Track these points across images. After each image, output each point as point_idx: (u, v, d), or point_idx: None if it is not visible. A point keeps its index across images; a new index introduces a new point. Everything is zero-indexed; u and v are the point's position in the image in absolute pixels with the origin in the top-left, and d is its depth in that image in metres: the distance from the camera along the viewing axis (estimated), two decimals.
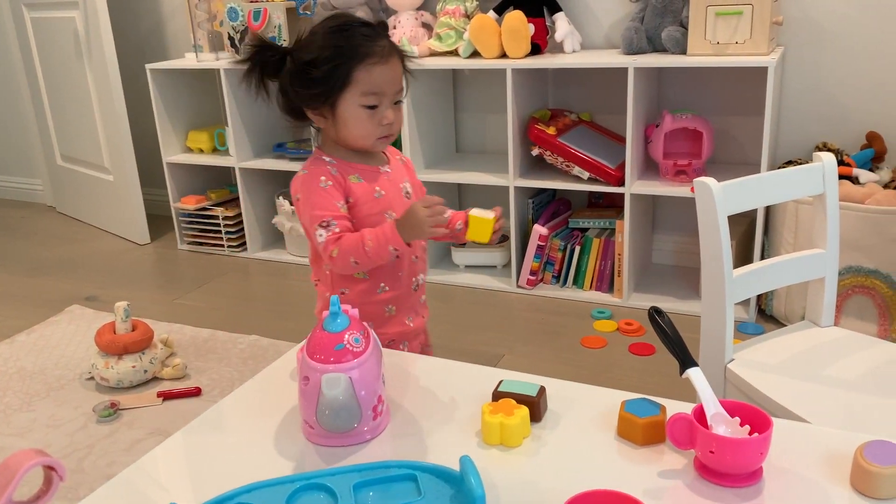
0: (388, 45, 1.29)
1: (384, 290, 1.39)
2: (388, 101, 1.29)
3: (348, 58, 1.25)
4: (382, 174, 1.37)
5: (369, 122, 1.29)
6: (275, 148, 3.24)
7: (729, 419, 0.88)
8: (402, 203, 1.37)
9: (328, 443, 0.94)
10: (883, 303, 2.16)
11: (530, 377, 1.08)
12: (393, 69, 1.28)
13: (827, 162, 1.38)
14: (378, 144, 1.33)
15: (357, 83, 1.26)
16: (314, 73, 1.25)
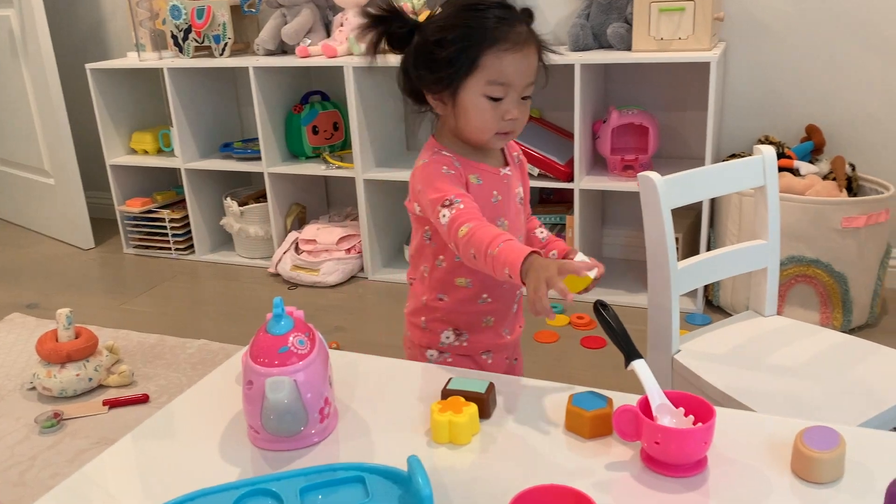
0: (526, 32, 1.15)
1: (486, 300, 1.27)
2: (515, 95, 1.15)
3: (477, 40, 1.12)
4: (502, 177, 1.24)
5: (491, 115, 1.15)
6: (221, 148, 3.18)
7: (673, 409, 0.89)
8: (515, 210, 1.26)
9: (274, 447, 0.92)
10: (824, 291, 2.22)
11: (480, 374, 1.08)
12: (527, 59, 1.14)
13: (767, 155, 1.41)
14: (496, 140, 1.20)
15: (484, 70, 1.13)
16: (439, 54, 1.13)
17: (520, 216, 1.28)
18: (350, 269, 2.91)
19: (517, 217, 1.27)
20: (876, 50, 2.44)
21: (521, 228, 1.30)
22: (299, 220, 3.13)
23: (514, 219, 1.26)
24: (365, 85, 2.78)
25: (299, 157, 3.06)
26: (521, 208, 1.29)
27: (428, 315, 1.30)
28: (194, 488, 0.83)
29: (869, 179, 2.36)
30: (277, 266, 2.95)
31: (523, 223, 1.31)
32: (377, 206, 2.93)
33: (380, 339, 2.46)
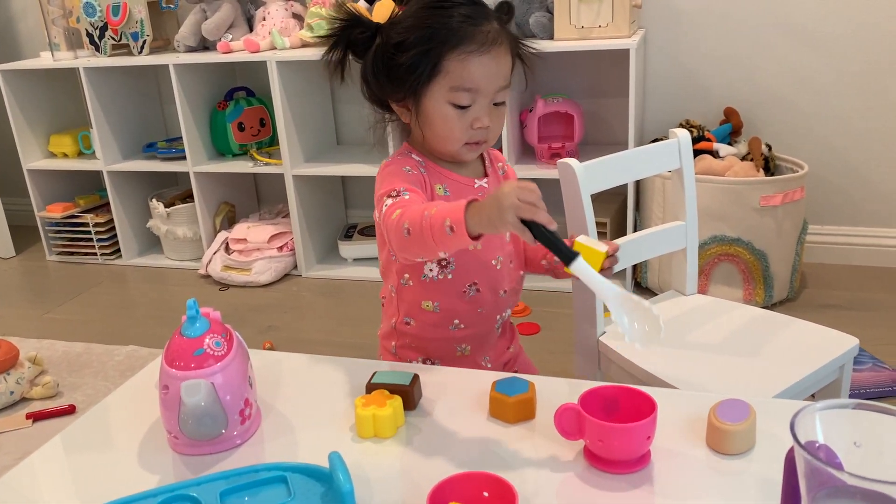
0: (496, 31, 1.05)
1: (458, 326, 1.18)
2: (484, 101, 1.05)
3: (439, 42, 1.02)
4: (476, 189, 1.13)
5: (457, 124, 1.06)
6: (144, 149, 3.10)
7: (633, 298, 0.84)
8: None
9: (195, 451, 0.90)
10: (746, 269, 2.29)
11: (405, 366, 1.08)
12: (496, 62, 1.04)
13: (682, 138, 1.44)
14: (465, 152, 1.10)
15: (447, 75, 1.03)
16: (398, 59, 1.04)
17: (496, 239, 1.15)
18: (283, 268, 2.88)
19: (492, 238, 1.14)
20: (788, 35, 2.52)
21: (504, 248, 1.17)
22: (229, 219, 3.07)
23: (492, 237, 1.12)
24: (290, 79, 2.74)
25: (226, 155, 3.00)
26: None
27: (397, 340, 1.22)
28: (113, 497, 0.80)
29: (785, 159, 2.45)
30: (208, 267, 2.89)
31: (507, 244, 1.18)
32: (308, 202, 2.90)
33: (316, 337, 2.44)
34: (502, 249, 1.17)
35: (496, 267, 1.17)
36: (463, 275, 1.15)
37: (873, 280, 2.54)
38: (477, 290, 1.16)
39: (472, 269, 1.15)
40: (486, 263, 1.16)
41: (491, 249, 1.16)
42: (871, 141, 2.56)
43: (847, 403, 0.56)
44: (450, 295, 1.16)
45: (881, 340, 2.14)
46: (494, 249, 1.16)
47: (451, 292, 1.16)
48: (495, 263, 1.17)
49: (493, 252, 1.16)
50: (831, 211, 2.65)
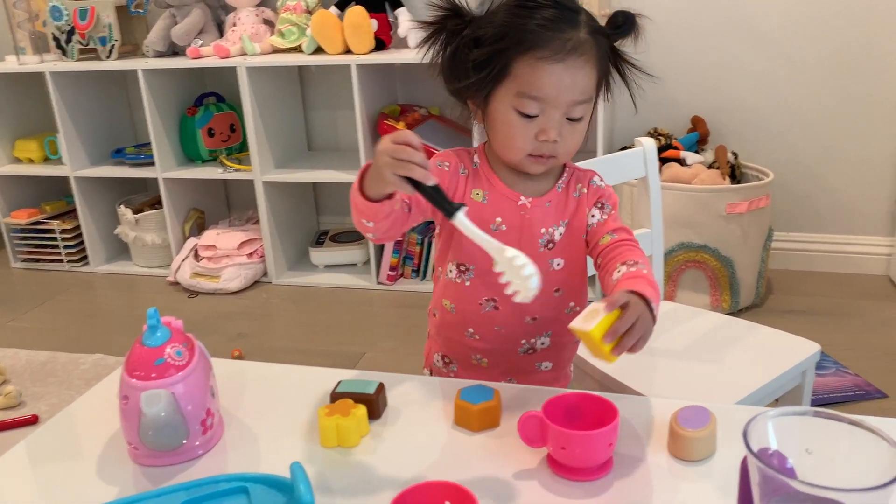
0: (580, 40, 0.96)
1: (472, 336, 1.12)
2: (554, 113, 0.97)
3: (512, 43, 0.96)
4: (519, 207, 1.05)
5: (521, 133, 0.99)
6: (113, 154, 3.06)
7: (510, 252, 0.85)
8: (534, 253, 1.01)
9: (155, 462, 0.89)
10: (713, 275, 2.32)
11: (372, 374, 1.07)
12: (571, 73, 0.96)
13: (647, 146, 1.46)
14: (529, 163, 1.02)
15: (514, 79, 0.97)
16: (471, 56, 0.99)
17: (542, 261, 1.05)
18: (253, 275, 2.85)
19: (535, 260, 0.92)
20: (754, 45, 2.56)
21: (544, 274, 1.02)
22: (198, 225, 3.04)
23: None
24: (261, 85, 2.73)
25: (195, 161, 2.98)
26: (552, 253, 1.07)
27: (430, 326, 1.20)
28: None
29: (750, 167, 2.49)
30: (176, 274, 2.86)
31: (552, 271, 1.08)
32: (279, 209, 2.88)
33: (285, 345, 2.42)
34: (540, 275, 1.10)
35: None
36: (481, 286, 1.09)
37: (837, 286, 2.59)
38: (495, 308, 1.09)
39: (492, 283, 1.04)
40: None
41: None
42: (835, 150, 2.61)
43: (799, 410, 0.57)
44: (466, 301, 1.11)
45: (844, 346, 2.18)
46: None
47: (467, 299, 1.11)
48: None
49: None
50: (796, 218, 2.69)
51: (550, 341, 1.13)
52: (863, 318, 2.36)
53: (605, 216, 1.08)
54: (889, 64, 2.48)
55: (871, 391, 1.97)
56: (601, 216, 1.08)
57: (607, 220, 1.08)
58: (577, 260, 1.09)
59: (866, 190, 2.62)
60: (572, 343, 1.16)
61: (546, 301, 1.09)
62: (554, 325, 1.12)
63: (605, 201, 1.09)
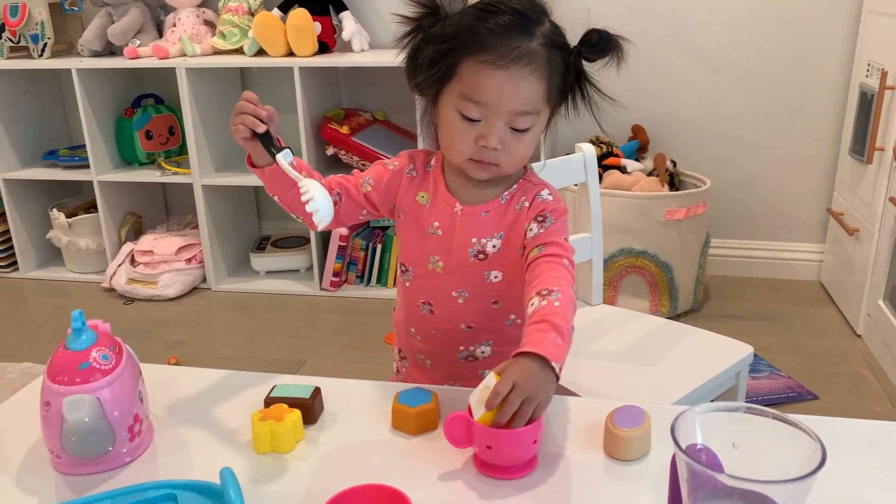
0: (530, 50, 0.94)
1: (415, 336, 1.14)
2: (496, 120, 0.95)
3: (461, 45, 0.95)
4: (454, 213, 1.05)
5: (462, 136, 0.97)
6: (45, 156, 2.96)
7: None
8: (461, 261, 1.05)
9: (79, 471, 0.86)
10: (652, 280, 2.36)
11: (308, 379, 1.05)
12: (514, 81, 0.94)
13: (587, 153, 1.48)
14: (470, 167, 1.00)
15: (459, 80, 0.96)
16: (426, 52, 0.98)
17: (473, 270, 1.06)
18: (191, 280, 2.79)
19: (465, 269, 1.06)
20: (692, 56, 2.63)
21: (477, 286, 1.07)
22: (135, 230, 2.96)
23: (457, 267, 1.05)
24: (201, 87, 2.67)
25: (132, 164, 2.90)
26: (485, 265, 1.05)
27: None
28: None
29: (688, 175, 2.54)
30: (111, 280, 2.78)
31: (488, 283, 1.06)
32: (219, 213, 2.83)
33: (224, 353, 2.37)
34: (472, 285, 1.07)
35: (457, 300, 1.08)
36: (418, 289, 1.11)
37: (772, 291, 2.67)
38: (431, 311, 1.10)
39: (427, 288, 1.10)
40: (444, 290, 1.08)
41: (454, 280, 1.07)
42: (770, 159, 2.69)
43: (725, 406, 0.58)
44: (407, 301, 1.13)
45: (778, 349, 2.24)
46: (459, 281, 1.07)
47: (408, 299, 1.13)
48: (456, 296, 1.08)
49: (456, 282, 1.07)
50: (732, 225, 2.77)
51: (492, 350, 1.12)
52: (796, 322, 2.44)
53: (541, 230, 1.03)
54: (819, 78, 2.57)
55: (803, 393, 2.03)
56: (538, 230, 1.03)
57: (542, 234, 1.03)
58: (518, 273, 1.05)
59: (799, 198, 2.71)
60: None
61: (483, 312, 1.09)
62: (494, 336, 1.11)
63: (548, 214, 1.04)
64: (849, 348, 2.26)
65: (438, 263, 1.07)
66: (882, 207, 2.14)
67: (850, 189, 2.43)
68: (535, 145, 1.02)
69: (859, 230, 2.29)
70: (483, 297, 1.08)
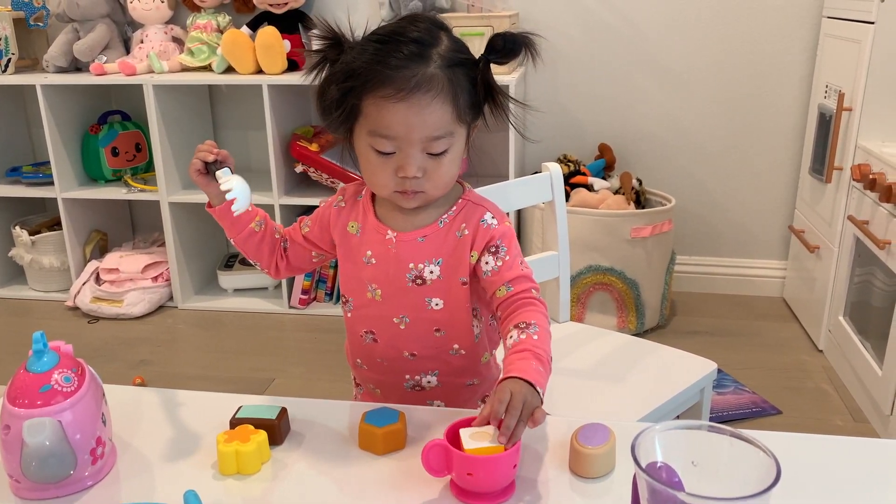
0: (428, 76, 0.92)
1: (361, 366, 1.15)
2: (411, 150, 0.94)
3: (359, 83, 0.93)
4: (385, 241, 1.04)
5: (380, 170, 0.97)
6: (8, 173, 2.92)
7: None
8: (401, 287, 1.04)
9: (40, 496, 0.84)
10: (619, 297, 2.39)
11: (274, 399, 1.05)
12: (418, 111, 0.92)
13: (553, 172, 1.49)
14: (399, 199, 0.99)
15: (365, 118, 0.95)
16: (330, 93, 0.97)
17: (412, 296, 1.04)
18: (158, 299, 2.76)
19: (404, 295, 1.04)
20: (655, 76, 2.68)
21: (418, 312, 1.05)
22: (100, 248, 2.92)
23: (396, 294, 1.05)
24: (168, 104, 2.66)
25: (98, 181, 2.87)
26: (425, 292, 1.04)
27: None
28: None
29: (654, 193, 2.58)
30: (76, 299, 2.74)
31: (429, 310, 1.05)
32: (186, 231, 2.80)
33: (191, 372, 2.34)
34: (413, 312, 1.06)
35: (399, 326, 1.07)
36: (359, 319, 1.11)
37: (736, 308, 2.71)
38: (374, 340, 1.10)
39: (368, 317, 1.09)
40: (384, 317, 1.08)
41: (394, 306, 1.06)
42: (733, 177, 2.74)
43: (684, 424, 0.59)
44: (351, 331, 1.14)
45: (743, 364, 2.28)
46: (400, 308, 1.06)
47: (351, 329, 1.13)
48: (398, 322, 1.07)
49: (396, 309, 1.06)
50: (697, 242, 2.81)
51: (438, 381, 1.11)
52: (759, 338, 2.48)
53: (498, 263, 1.01)
54: (780, 98, 2.63)
55: (766, 408, 2.06)
56: (495, 263, 1.01)
57: (501, 267, 1.01)
58: (460, 302, 1.04)
59: (762, 216, 2.76)
60: (465, 387, 1.12)
61: (425, 338, 1.07)
62: (439, 365, 1.09)
63: (499, 243, 1.02)
64: (811, 363, 2.30)
65: (377, 292, 1.06)
66: (841, 225, 2.19)
67: (810, 207, 2.48)
68: (458, 164, 1.00)
69: (820, 247, 2.35)
70: (425, 324, 1.07)
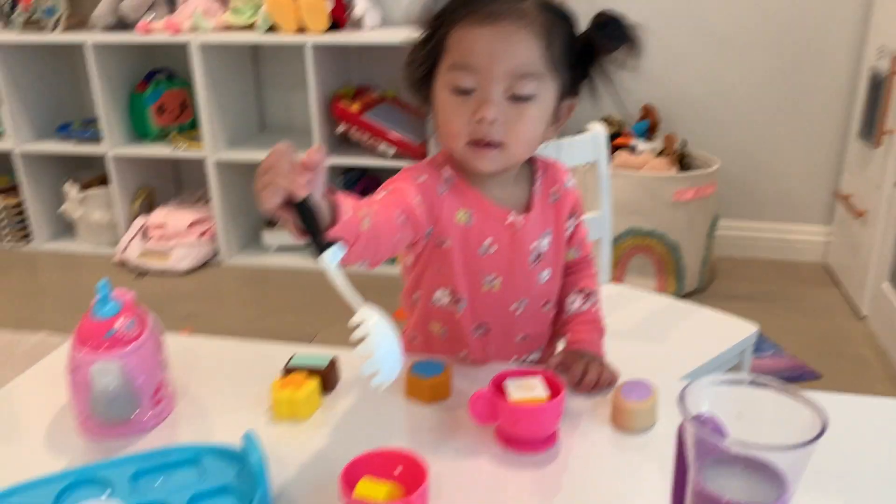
0: (519, 8, 0.87)
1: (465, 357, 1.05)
2: (490, 88, 0.87)
3: (448, 13, 0.89)
4: (507, 226, 0.97)
5: (457, 113, 0.88)
6: (59, 129, 2.99)
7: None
8: (523, 270, 0.99)
9: (106, 435, 0.89)
10: (659, 260, 2.38)
11: (324, 350, 1.08)
12: (505, 39, 0.85)
13: (598, 133, 1.49)
14: (471, 156, 0.90)
15: (448, 52, 0.89)
16: (418, 37, 0.93)
17: (532, 277, 1.01)
18: (203, 255, 2.82)
19: (526, 278, 1.00)
20: (703, 38, 2.63)
21: (533, 291, 1.02)
22: (147, 204, 2.99)
23: (518, 279, 0.99)
24: (213, 62, 2.69)
25: (145, 139, 2.92)
26: (540, 267, 1.00)
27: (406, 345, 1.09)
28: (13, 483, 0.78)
29: (698, 155, 2.55)
30: (124, 253, 2.82)
31: (540, 285, 1.02)
32: (230, 189, 2.85)
33: (236, 326, 2.41)
34: (529, 292, 1.02)
35: (515, 312, 1.03)
36: (472, 314, 1.03)
37: (777, 273, 2.68)
38: (486, 332, 1.03)
39: (484, 310, 1.02)
40: (502, 307, 1.02)
41: (513, 292, 1.01)
42: (778, 139, 2.69)
43: (732, 379, 0.61)
44: (458, 328, 1.04)
45: (783, 330, 2.27)
46: (519, 292, 1.01)
47: (459, 326, 1.04)
48: (515, 308, 1.03)
49: (515, 295, 1.01)
50: (740, 206, 2.78)
51: (540, 356, 1.10)
52: (800, 303, 2.46)
53: (573, 227, 1.04)
54: (829, 61, 2.57)
55: (805, 373, 2.06)
56: (572, 226, 1.04)
57: (575, 229, 1.04)
58: (559, 267, 1.04)
59: (806, 180, 2.72)
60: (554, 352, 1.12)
61: (537, 318, 1.06)
62: (543, 340, 1.09)
63: (577, 208, 1.05)
64: (852, 330, 2.28)
65: (495, 282, 0.99)
66: (889, 191, 2.15)
67: (857, 172, 2.43)
68: (542, 125, 0.92)
69: (866, 213, 2.31)
70: (537, 303, 1.04)
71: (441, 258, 0.98)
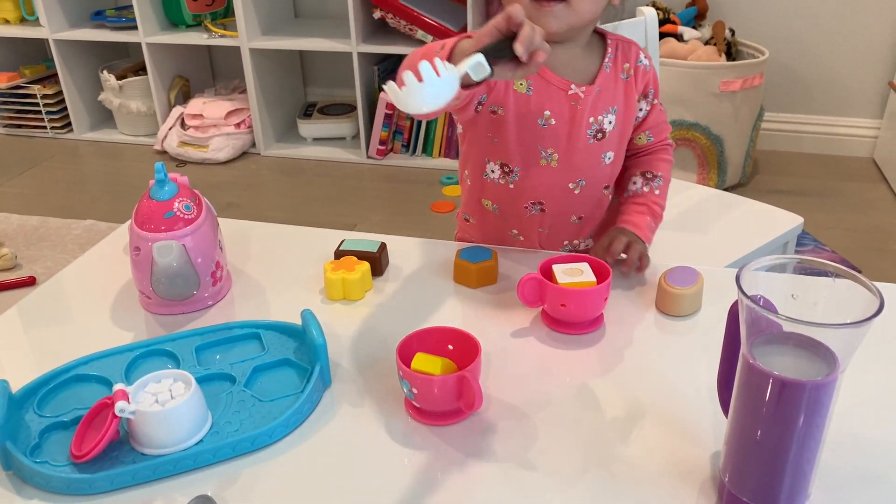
0: None
1: (517, 237, 1.07)
2: None
3: None
4: (569, 97, 0.95)
5: None
6: (93, 16, 2.95)
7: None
8: (583, 145, 0.97)
9: (168, 311, 0.93)
10: (702, 153, 2.34)
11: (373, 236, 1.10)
12: None
13: (648, 17, 1.44)
14: (533, 11, 0.86)
15: None
16: None
17: (592, 156, 0.99)
18: (241, 145, 2.84)
19: (585, 154, 0.98)
20: None
21: (593, 172, 1.00)
22: (183, 93, 2.99)
23: (577, 157, 0.97)
24: None
25: (179, 26, 2.88)
26: (603, 147, 0.99)
27: (459, 231, 1.15)
28: (87, 353, 0.83)
29: (747, 44, 2.46)
30: (163, 143, 2.84)
31: (602, 167, 1.01)
32: (266, 78, 2.83)
33: (276, 216, 2.45)
34: (590, 172, 1.00)
35: (574, 191, 1.01)
36: (527, 189, 1.02)
37: (823, 167, 2.63)
38: (541, 211, 1.03)
39: (539, 187, 1.01)
40: (560, 185, 1.01)
41: (571, 169, 0.99)
42: (831, 30, 2.57)
43: (785, 259, 0.61)
44: (510, 203, 1.03)
45: (824, 225, 2.24)
46: (577, 171, 0.99)
47: (511, 201, 1.03)
48: (574, 187, 1.01)
49: (573, 173, 0.99)
50: (787, 98, 2.69)
51: (593, 242, 1.08)
52: (845, 198, 2.42)
53: (648, 108, 1.01)
54: None
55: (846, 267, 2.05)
56: (646, 109, 1.01)
57: (650, 112, 1.01)
58: (622, 150, 1.02)
59: (859, 71, 2.61)
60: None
61: (594, 200, 1.04)
62: (597, 226, 1.09)
63: (651, 89, 1.01)
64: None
65: (553, 157, 0.98)
66: None
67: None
68: None
69: None
70: (597, 184, 1.02)
71: (494, 128, 0.97)
